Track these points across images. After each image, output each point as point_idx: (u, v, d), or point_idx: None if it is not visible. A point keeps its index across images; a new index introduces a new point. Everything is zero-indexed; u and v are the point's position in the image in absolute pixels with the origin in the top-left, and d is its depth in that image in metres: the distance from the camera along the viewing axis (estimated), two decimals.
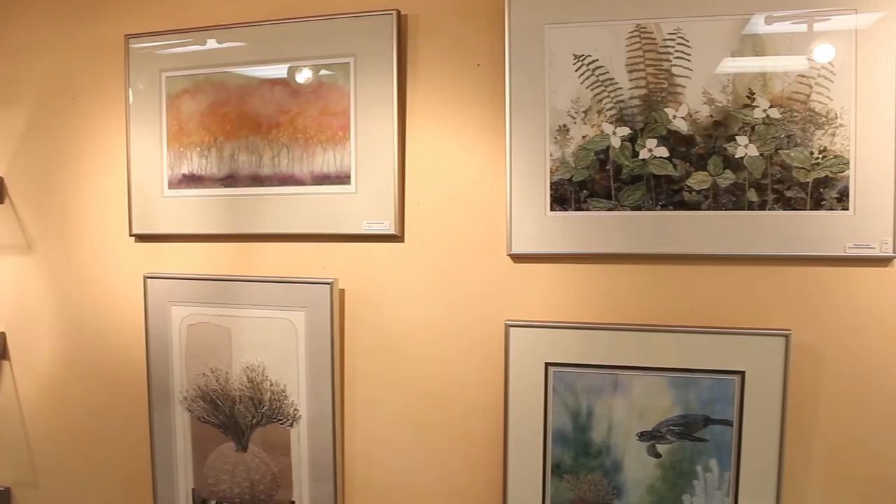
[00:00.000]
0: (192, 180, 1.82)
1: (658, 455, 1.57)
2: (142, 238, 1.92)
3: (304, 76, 1.74)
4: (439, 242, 1.70)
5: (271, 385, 1.77)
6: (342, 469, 1.78)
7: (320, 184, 1.73)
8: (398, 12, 1.68)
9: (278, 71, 1.76)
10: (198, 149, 1.81)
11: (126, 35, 1.86)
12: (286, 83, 1.75)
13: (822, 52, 1.48)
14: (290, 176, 1.75)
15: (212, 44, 1.81)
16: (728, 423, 1.53)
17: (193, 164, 1.82)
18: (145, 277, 1.85)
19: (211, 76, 1.80)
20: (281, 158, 1.75)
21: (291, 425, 1.76)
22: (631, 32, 1.56)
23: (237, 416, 1.80)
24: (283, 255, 1.80)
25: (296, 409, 1.75)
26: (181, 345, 1.83)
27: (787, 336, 1.49)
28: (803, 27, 1.49)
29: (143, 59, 1.85)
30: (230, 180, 1.79)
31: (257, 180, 1.77)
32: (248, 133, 1.77)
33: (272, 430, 1.78)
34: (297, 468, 1.77)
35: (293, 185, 1.75)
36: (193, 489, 1.86)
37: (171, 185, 1.84)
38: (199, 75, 1.81)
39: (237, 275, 1.80)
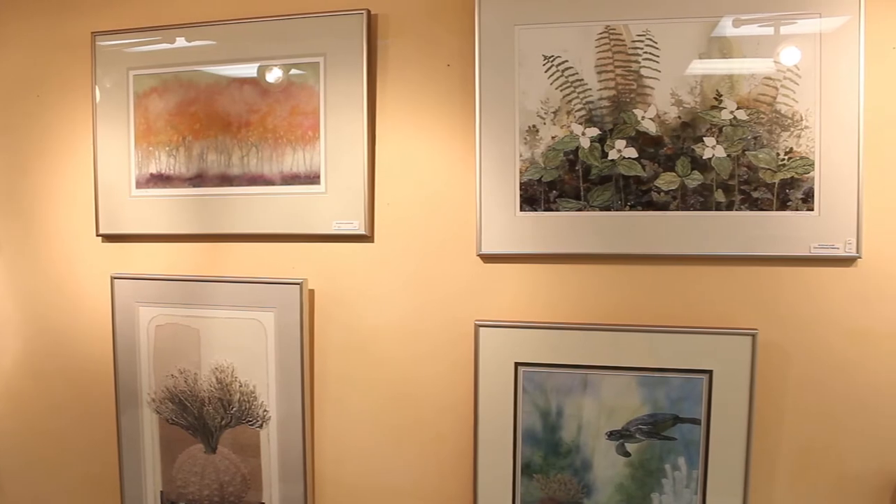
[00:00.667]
0: (160, 180, 1.77)
1: (627, 454, 1.55)
2: (109, 238, 1.86)
3: (273, 75, 1.70)
4: (409, 243, 1.67)
5: (241, 386, 1.72)
6: (312, 470, 1.74)
7: (290, 184, 1.69)
8: (368, 12, 1.65)
9: (248, 70, 1.72)
10: (166, 148, 1.77)
11: (93, 32, 1.81)
12: (256, 82, 1.71)
13: (788, 55, 1.47)
14: (259, 176, 1.71)
15: (181, 42, 1.76)
16: (696, 421, 1.52)
17: (161, 163, 1.77)
18: (112, 278, 1.80)
19: (179, 75, 1.75)
20: (250, 158, 1.71)
21: (261, 426, 1.72)
22: (600, 34, 1.54)
23: (206, 417, 1.75)
24: (253, 256, 1.75)
25: (265, 411, 1.71)
26: (149, 346, 1.78)
27: (753, 335, 1.48)
28: (770, 30, 1.48)
29: (110, 57, 1.80)
30: (199, 180, 1.75)
31: (226, 180, 1.73)
32: (217, 132, 1.73)
33: (242, 431, 1.74)
34: (267, 469, 1.73)
35: (262, 184, 1.71)
36: (162, 492, 1.81)
37: (139, 185, 1.79)
38: (168, 74, 1.76)
39: (206, 275, 1.76)
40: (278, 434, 1.71)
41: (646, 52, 1.52)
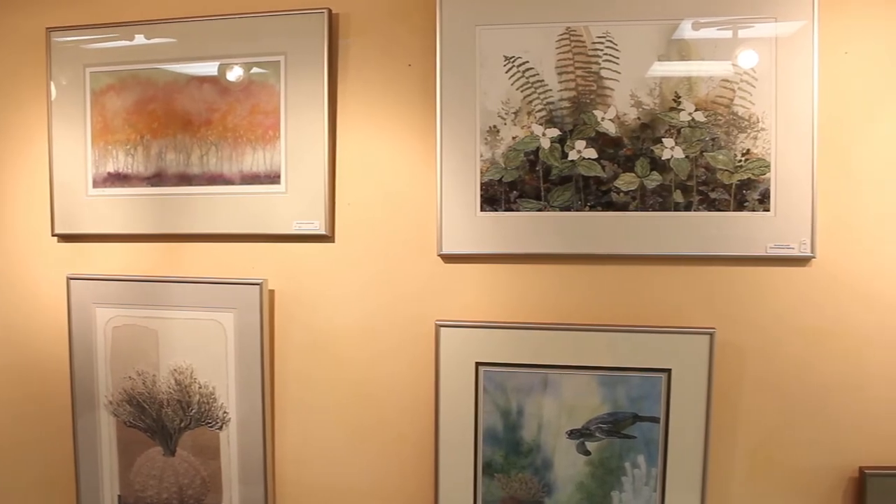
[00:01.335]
0: (117, 179, 1.72)
1: (587, 452, 1.54)
2: (65, 238, 1.80)
3: (234, 74, 1.65)
4: (370, 243, 1.64)
5: (200, 388, 1.68)
6: (273, 472, 1.70)
7: (250, 183, 1.65)
8: (329, 11, 1.61)
9: (208, 68, 1.67)
10: (124, 147, 1.71)
11: (48, 28, 1.74)
12: (215, 81, 1.67)
13: (745, 58, 1.48)
14: (218, 175, 1.66)
15: (140, 39, 1.71)
16: (655, 419, 1.51)
17: (119, 162, 1.72)
18: (68, 278, 1.74)
19: (138, 72, 1.70)
20: (210, 157, 1.67)
21: (221, 428, 1.68)
22: (561, 35, 1.52)
23: (165, 419, 1.71)
24: (212, 256, 1.71)
25: (225, 412, 1.67)
26: (106, 347, 1.73)
27: (711, 334, 1.48)
28: (728, 33, 1.48)
29: (65, 53, 1.74)
30: (157, 179, 1.70)
31: (185, 179, 1.68)
32: (176, 131, 1.68)
33: (201, 433, 1.69)
34: (227, 472, 1.69)
35: (222, 184, 1.66)
36: (119, 496, 1.76)
37: (96, 184, 1.73)
38: (126, 71, 1.71)
39: (164, 276, 1.71)
40: (238, 436, 1.67)
41: (606, 54, 1.51)
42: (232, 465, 1.68)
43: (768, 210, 1.47)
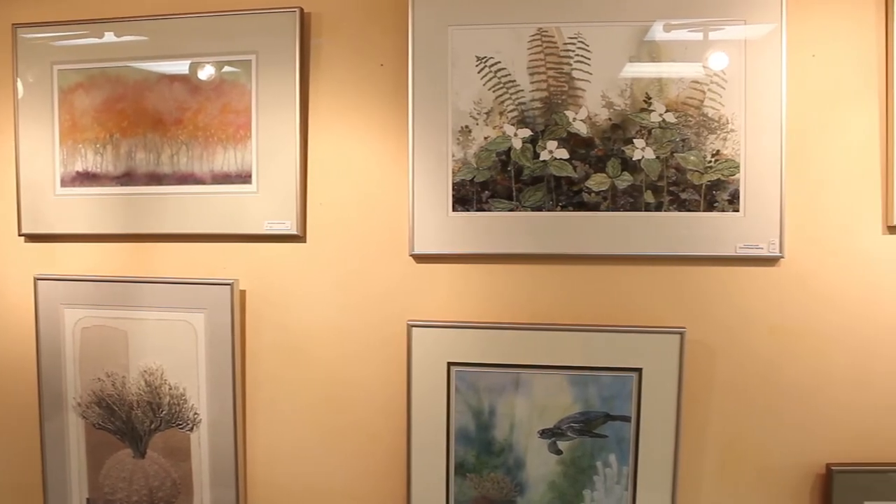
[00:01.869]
0: (86, 178, 1.68)
1: (559, 452, 1.53)
2: (32, 238, 1.75)
3: (205, 73, 1.62)
4: (342, 243, 1.61)
5: (170, 389, 1.65)
6: (244, 473, 1.67)
7: (221, 183, 1.62)
8: (301, 10, 1.59)
9: (178, 67, 1.64)
10: (93, 145, 1.67)
11: (14, 24, 1.70)
12: (186, 79, 1.63)
13: (715, 60, 1.48)
14: (189, 174, 1.63)
15: (109, 37, 1.67)
16: (626, 419, 1.51)
17: (88, 161, 1.68)
18: (36, 279, 1.70)
19: (107, 70, 1.66)
20: (180, 157, 1.64)
21: (191, 430, 1.65)
22: (533, 36, 1.51)
23: (135, 421, 1.67)
24: (183, 256, 1.67)
25: (196, 413, 1.64)
26: (75, 349, 1.69)
27: (681, 334, 1.48)
28: (699, 35, 1.48)
29: (33, 50, 1.69)
30: (127, 178, 1.66)
31: (155, 179, 1.65)
32: (146, 130, 1.65)
33: (171, 435, 1.66)
34: (198, 474, 1.66)
35: (193, 183, 1.63)
36: (88, 499, 1.72)
37: (64, 183, 1.69)
38: (95, 69, 1.67)
39: (134, 276, 1.67)
40: (209, 437, 1.64)
41: (577, 55, 1.50)
42: (203, 466, 1.65)
43: (738, 210, 1.47)
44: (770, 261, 1.50)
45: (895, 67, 1.46)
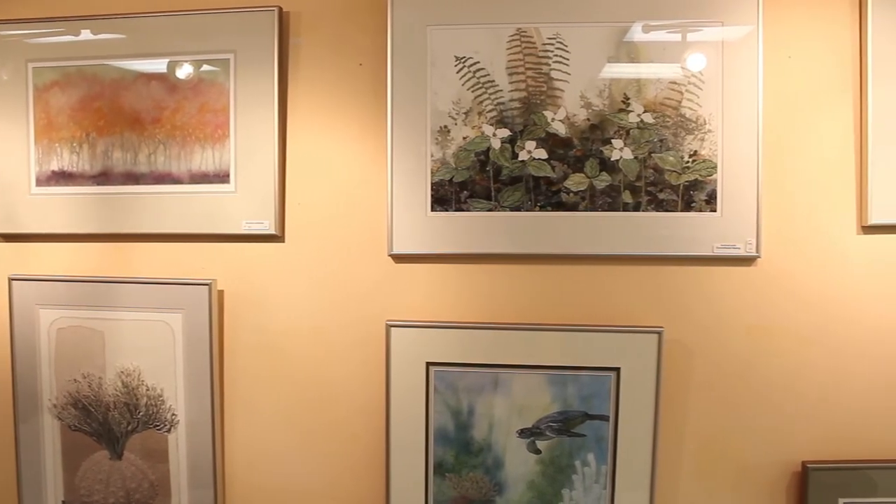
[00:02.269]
0: (62, 177, 1.66)
1: (538, 451, 1.53)
2: (6, 238, 1.72)
3: (184, 72, 1.60)
4: (320, 243, 1.60)
5: (147, 390, 1.62)
6: (223, 474, 1.65)
7: (199, 182, 1.60)
8: (280, 9, 1.57)
9: (156, 65, 1.62)
10: (69, 144, 1.65)
11: None
12: (164, 78, 1.61)
13: (693, 61, 1.48)
14: (166, 174, 1.61)
15: (86, 34, 1.65)
16: (605, 418, 1.51)
17: (64, 160, 1.65)
18: (10, 279, 1.67)
19: (83, 68, 1.64)
20: (157, 156, 1.61)
21: (169, 431, 1.63)
22: (512, 36, 1.51)
23: (111, 422, 1.65)
24: (160, 256, 1.65)
25: (173, 414, 1.62)
26: (50, 350, 1.66)
27: (659, 333, 1.48)
28: (677, 36, 1.48)
29: (7, 47, 1.66)
30: (103, 178, 1.64)
31: (132, 178, 1.63)
32: (123, 129, 1.62)
33: (149, 436, 1.64)
34: (176, 475, 1.64)
35: (170, 183, 1.61)
36: (64, 501, 1.69)
37: (40, 182, 1.67)
38: (70, 67, 1.64)
39: (111, 276, 1.64)
40: (187, 438, 1.62)
41: (556, 55, 1.50)
42: (181, 468, 1.63)
43: (715, 210, 1.48)
44: (747, 260, 1.51)
45: (869, 69, 1.47)
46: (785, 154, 1.50)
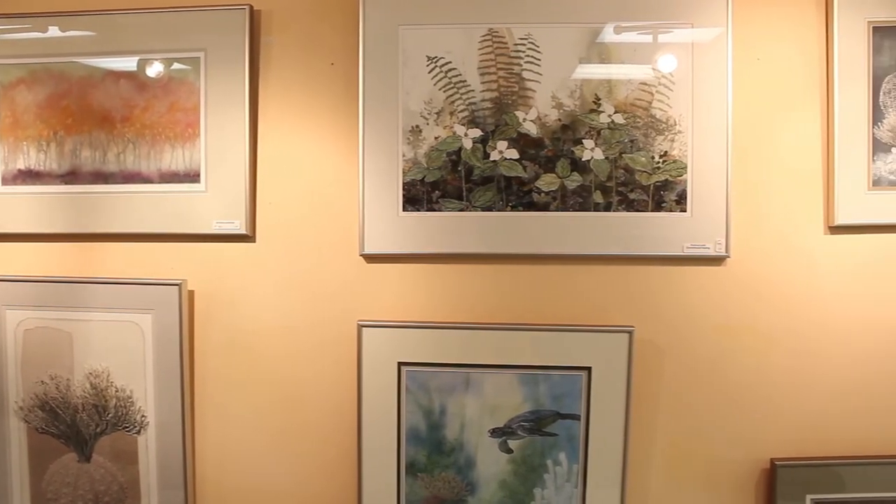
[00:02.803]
0: (28, 176, 1.62)
1: (510, 451, 1.52)
2: None
3: (154, 70, 1.58)
4: (292, 242, 1.58)
5: (117, 391, 1.60)
6: (193, 475, 1.63)
7: (169, 182, 1.58)
8: (251, 7, 1.56)
9: (125, 63, 1.59)
10: (35, 143, 1.62)
11: None
12: (133, 76, 1.59)
13: (663, 62, 1.49)
14: (136, 173, 1.59)
15: (54, 31, 1.62)
16: (576, 417, 1.51)
17: (31, 159, 1.62)
18: None
19: (50, 66, 1.61)
20: (127, 155, 1.59)
21: (139, 432, 1.60)
22: (483, 36, 1.50)
23: (79, 424, 1.62)
24: (130, 256, 1.62)
25: (143, 416, 1.60)
26: (16, 351, 1.63)
27: (630, 332, 1.48)
28: (648, 38, 1.48)
29: None
30: (71, 177, 1.61)
31: (101, 177, 1.60)
32: (92, 128, 1.60)
33: (118, 438, 1.61)
34: (146, 477, 1.61)
35: (140, 182, 1.59)
36: None
37: (6, 181, 1.63)
38: (37, 64, 1.61)
39: (79, 276, 1.61)
40: (157, 439, 1.60)
41: (528, 56, 1.50)
42: (151, 469, 1.61)
43: (685, 211, 1.48)
44: (716, 260, 1.52)
45: (836, 71, 1.49)
46: (753, 155, 1.52)
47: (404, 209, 1.51)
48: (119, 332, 1.59)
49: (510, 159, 1.49)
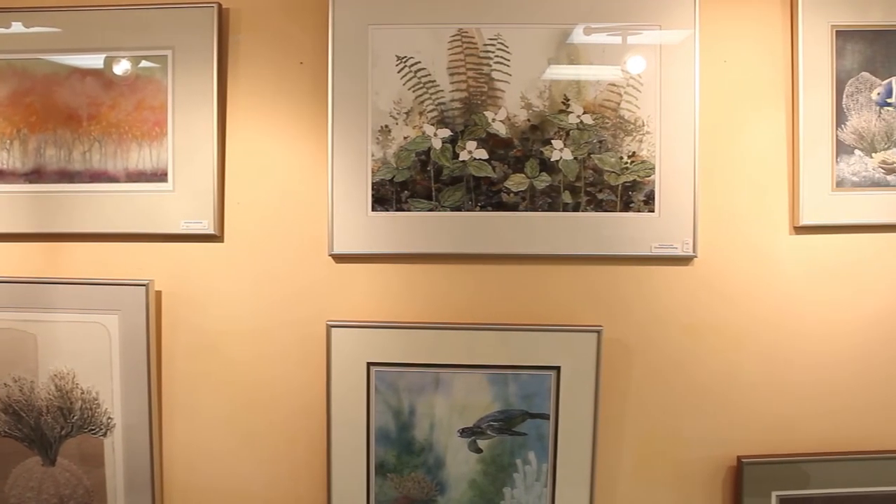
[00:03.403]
0: None
1: (479, 450, 1.53)
2: None
3: (120, 67, 1.56)
4: (260, 242, 1.57)
5: (82, 393, 1.57)
6: (161, 477, 1.61)
7: (135, 181, 1.56)
8: (219, 5, 1.54)
9: (91, 60, 1.57)
10: None
11: None
12: (99, 74, 1.57)
13: (632, 64, 1.50)
14: (102, 172, 1.57)
15: (17, 27, 1.59)
16: (545, 416, 1.51)
17: None
18: None
19: (13, 62, 1.58)
20: (93, 154, 1.57)
21: (105, 435, 1.58)
22: (453, 36, 1.50)
23: (44, 427, 1.59)
24: (95, 256, 1.60)
25: (109, 418, 1.57)
26: None
27: (598, 332, 1.49)
28: (618, 39, 1.49)
29: None
30: (35, 175, 1.58)
31: (66, 176, 1.58)
32: (56, 126, 1.57)
33: (84, 440, 1.59)
34: (112, 480, 1.59)
35: (106, 181, 1.57)
36: None
37: None
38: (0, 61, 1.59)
39: (43, 277, 1.59)
40: (124, 442, 1.58)
41: (497, 56, 1.50)
42: (117, 472, 1.59)
43: (653, 211, 1.49)
44: (684, 260, 1.53)
45: (800, 73, 1.50)
46: (720, 156, 1.53)
47: (373, 209, 1.51)
48: (85, 334, 1.56)
49: (479, 159, 1.49)
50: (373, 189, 1.50)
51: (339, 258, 1.55)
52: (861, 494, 1.53)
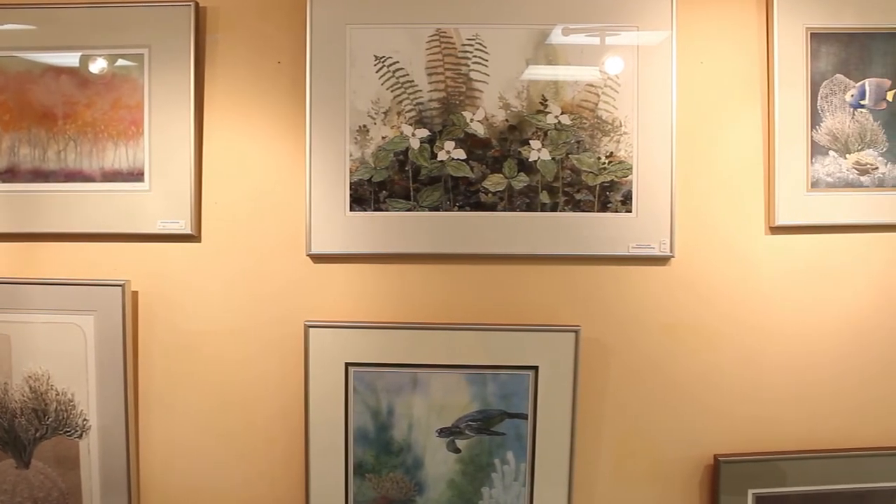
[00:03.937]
0: None
1: (457, 450, 1.53)
2: None
3: (96, 66, 1.55)
4: (237, 242, 1.56)
5: (57, 395, 1.56)
6: (137, 479, 1.60)
7: (111, 181, 1.55)
8: (196, 4, 1.53)
9: (65, 59, 1.55)
10: None
11: None
12: (75, 72, 1.55)
13: (610, 65, 1.50)
14: (77, 171, 1.55)
15: None
16: (524, 416, 1.51)
17: None
18: None
19: None
20: (68, 153, 1.55)
21: (80, 436, 1.57)
22: (431, 36, 1.50)
23: (18, 429, 1.58)
24: (71, 256, 1.58)
25: (85, 420, 1.56)
26: None
27: (576, 332, 1.49)
28: (595, 40, 1.50)
29: None
30: (9, 175, 1.56)
31: (41, 175, 1.56)
32: (31, 124, 1.56)
33: (59, 442, 1.57)
34: (88, 482, 1.57)
35: (81, 181, 1.55)
36: None
37: None
38: None
39: (17, 277, 1.57)
40: (100, 444, 1.56)
41: (475, 56, 1.50)
42: (93, 474, 1.57)
43: (630, 211, 1.50)
44: (661, 260, 1.54)
45: (776, 75, 1.52)
46: (697, 156, 1.54)
47: (351, 209, 1.50)
48: (60, 334, 1.55)
49: (457, 159, 1.50)
50: (351, 189, 1.50)
51: (317, 258, 1.54)
52: (836, 491, 1.55)
